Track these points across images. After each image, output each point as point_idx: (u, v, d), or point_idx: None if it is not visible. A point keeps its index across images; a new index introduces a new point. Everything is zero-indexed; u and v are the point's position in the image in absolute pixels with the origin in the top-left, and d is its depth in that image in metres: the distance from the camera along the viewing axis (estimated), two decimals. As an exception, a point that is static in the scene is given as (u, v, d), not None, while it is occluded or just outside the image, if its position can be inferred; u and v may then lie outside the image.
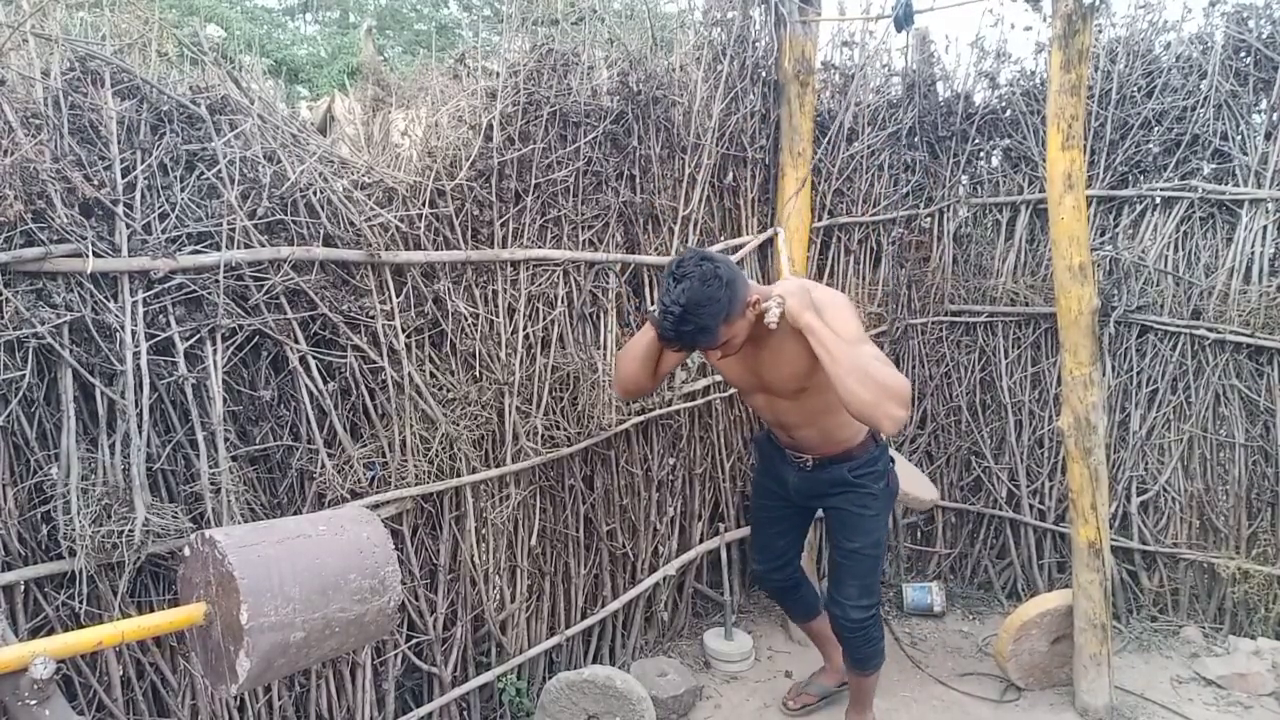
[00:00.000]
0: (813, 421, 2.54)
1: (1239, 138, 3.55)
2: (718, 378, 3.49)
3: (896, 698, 3.25)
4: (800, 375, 2.38)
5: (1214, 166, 3.61)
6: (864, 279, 4.06)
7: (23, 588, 1.90)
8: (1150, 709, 3.13)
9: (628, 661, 3.33)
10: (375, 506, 2.46)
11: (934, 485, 3.61)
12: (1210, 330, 3.54)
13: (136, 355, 1.99)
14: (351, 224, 2.42)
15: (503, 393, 2.81)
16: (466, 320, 2.72)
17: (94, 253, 1.95)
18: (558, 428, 2.99)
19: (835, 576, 2.75)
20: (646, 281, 3.27)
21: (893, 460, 2.75)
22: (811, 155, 3.72)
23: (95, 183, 2.00)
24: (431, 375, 2.66)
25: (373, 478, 2.50)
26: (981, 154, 4.16)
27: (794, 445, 2.66)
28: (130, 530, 1.93)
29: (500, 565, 2.87)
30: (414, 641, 2.68)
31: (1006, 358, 4.01)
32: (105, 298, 1.98)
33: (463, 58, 3.11)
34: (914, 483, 3.46)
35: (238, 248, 2.18)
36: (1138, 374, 3.70)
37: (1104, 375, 3.60)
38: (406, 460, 2.56)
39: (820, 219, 3.90)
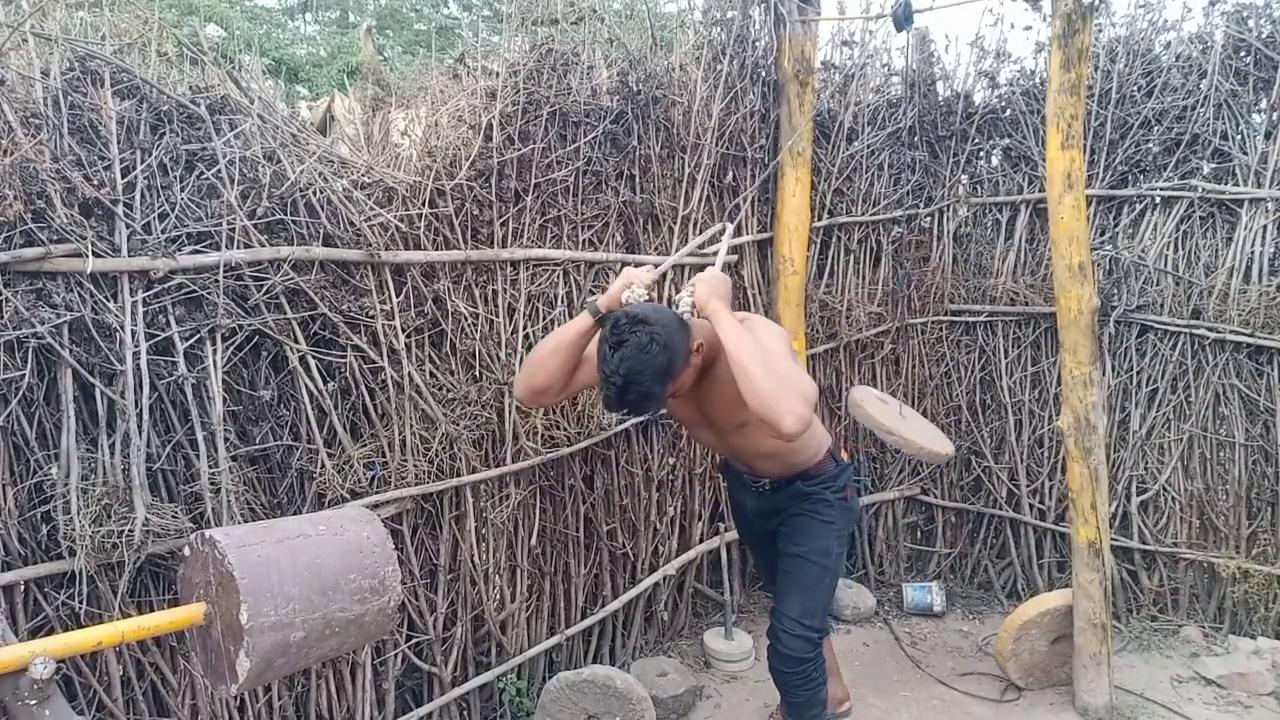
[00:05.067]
0: (764, 452, 2.43)
1: (1239, 137, 3.55)
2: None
3: (896, 698, 3.25)
4: (741, 409, 2.19)
5: (1214, 166, 3.61)
6: (864, 279, 4.06)
7: (23, 588, 1.89)
8: (1150, 708, 3.13)
9: (628, 661, 3.33)
10: (375, 506, 2.46)
11: (948, 440, 3.41)
12: (1210, 330, 3.54)
13: (136, 355, 1.99)
14: (351, 224, 2.42)
15: (503, 393, 2.81)
16: (466, 320, 2.72)
17: (94, 253, 1.95)
18: (557, 428, 3.00)
19: (777, 593, 2.55)
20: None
21: (857, 481, 2.59)
22: (811, 155, 3.72)
23: (95, 183, 2.00)
24: (431, 375, 2.66)
25: (373, 477, 2.50)
26: (981, 153, 4.16)
27: (751, 471, 2.56)
28: (130, 530, 1.93)
29: (500, 565, 2.87)
30: (414, 641, 2.68)
31: (1006, 357, 4.01)
32: (105, 298, 1.98)
33: (462, 58, 3.11)
34: (928, 437, 3.31)
35: (238, 248, 2.18)
36: (1138, 373, 3.70)
37: (1104, 375, 3.60)
38: (406, 460, 2.56)
39: (820, 219, 3.90)
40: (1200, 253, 3.60)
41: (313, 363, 2.34)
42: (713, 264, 2.49)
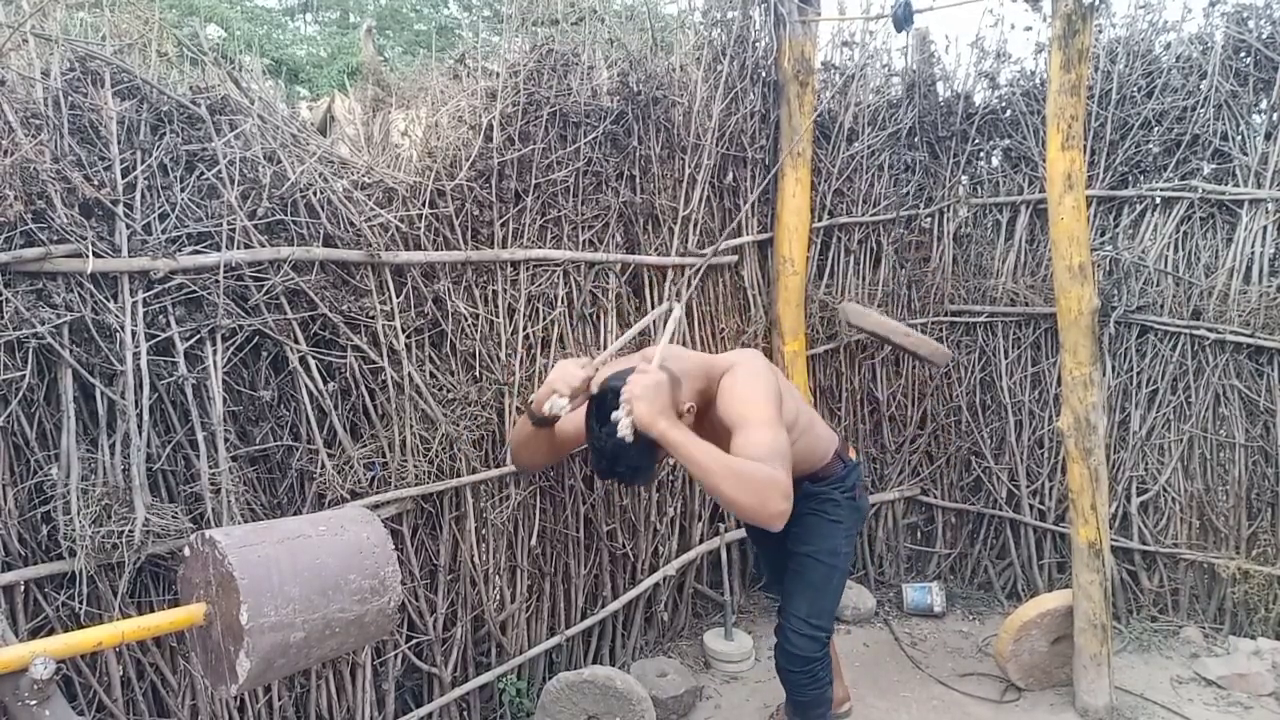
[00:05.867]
0: None
1: (1239, 138, 3.55)
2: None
3: (896, 698, 3.25)
4: None
5: (1214, 166, 3.61)
6: (864, 279, 4.06)
7: (23, 588, 1.90)
8: (1150, 709, 3.13)
9: (628, 662, 3.33)
10: (375, 506, 2.46)
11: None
12: (1210, 330, 3.54)
13: (136, 355, 2.00)
14: (351, 224, 2.42)
15: (503, 393, 2.81)
16: (466, 320, 2.72)
17: (94, 253, 1.95)
18: (558, 428, 2.99)
19: (785, 592, 2.56)
20: (646, 282, 3.28)
21: (860, 472, 2.59)
22: (811, 155, 3.72)
23: (95, 183, 2.00)
24: (431, 375, 2.66)
25: (373, 478, 2.50)
26: (981, 154, 4.16)
27: None
28: (130, 530, 1.93)
29: (500, 565, 2.87)
30: (414, 641, 2.68)
31: (1006, 358, 4.01)
32: (105, 298, 1.98)
33: (463, 58, 3.11)
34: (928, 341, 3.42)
35: (238, 248, 2.18)
36: (1138, 374, 3.70)
37: (1104, 375, 3.60)
38: (406, 460, 2.56)
39: (820, 219, 3.90)
40: (1200, 253, 3.60)
41: (313, 363, 2.34)
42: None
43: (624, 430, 1.90)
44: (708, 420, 2.20)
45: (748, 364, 2.22)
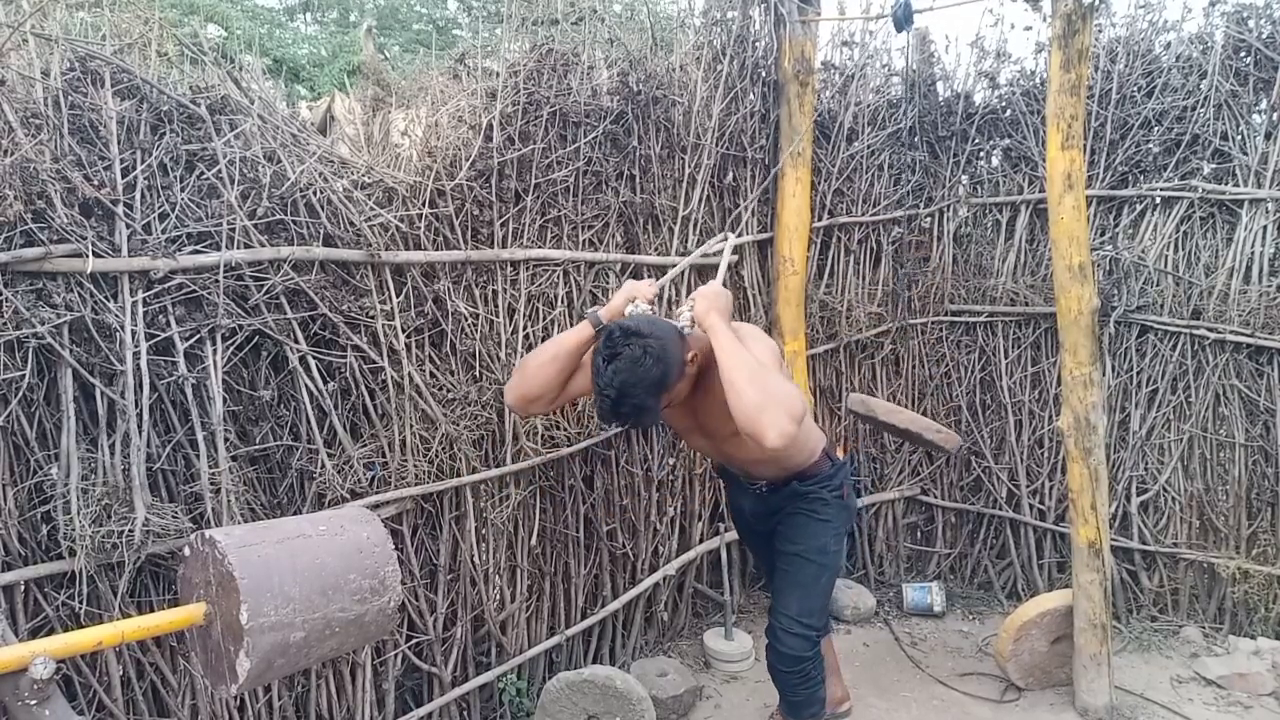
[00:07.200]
0: (759, 458, 2.42)
1: (1239, 137, 3.55)
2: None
3: (896, 698, 3.25)
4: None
5: (1214, 166, 3.61)
6: (864, 279, 4.06)
7: (23, 588, 1.89)
8: (1150, 709, 3.13)
9: (628, 661, 3.33)
10: (375, 506, 2.46)
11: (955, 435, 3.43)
12: (1210, 330, 3.54)
13: (136, 355, 1.99)
14: (351, 224, 2.42)
15: (503, 393, 2.80)
16: (466, 320, 2.72)
17: (94, 253, 1.95)
18: (558, 428, 2.99)
19: (775, 591, 2.58)
20: (646, 281, 3.27)
21: (855, 479, 2.63)
22: (811, 155, 3.72)
23: (95, 183, 2.00)
24: (431, 375, 2.66)
25: (373, 478, 2.50)
26: (981, 154, 4.16)
27: (748, 475, 2.59)
28: (130, 530, 1.93)
29: (500, 565, 2.87)
30: (414, 641, 2.68)
31: (1006, 358, 4.01)
32: (105, 298, 1.98)
33: (463, 58, 3.11)
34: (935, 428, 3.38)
35: (238, 248, 2.18)
36: (1138, 374, 3.70)
37: (1104, 375, 3.59)
38: (406, 460, 2.56)
39: (820, 219, 3.90)
40: (1200, 253, 3.61)
41: (313, 363, 2.34)
42: (715, 275, 2.50)
43: (683, 320, 2.23)
44: (708, 380, 2.25)
45: (753, 330, 2.33)
